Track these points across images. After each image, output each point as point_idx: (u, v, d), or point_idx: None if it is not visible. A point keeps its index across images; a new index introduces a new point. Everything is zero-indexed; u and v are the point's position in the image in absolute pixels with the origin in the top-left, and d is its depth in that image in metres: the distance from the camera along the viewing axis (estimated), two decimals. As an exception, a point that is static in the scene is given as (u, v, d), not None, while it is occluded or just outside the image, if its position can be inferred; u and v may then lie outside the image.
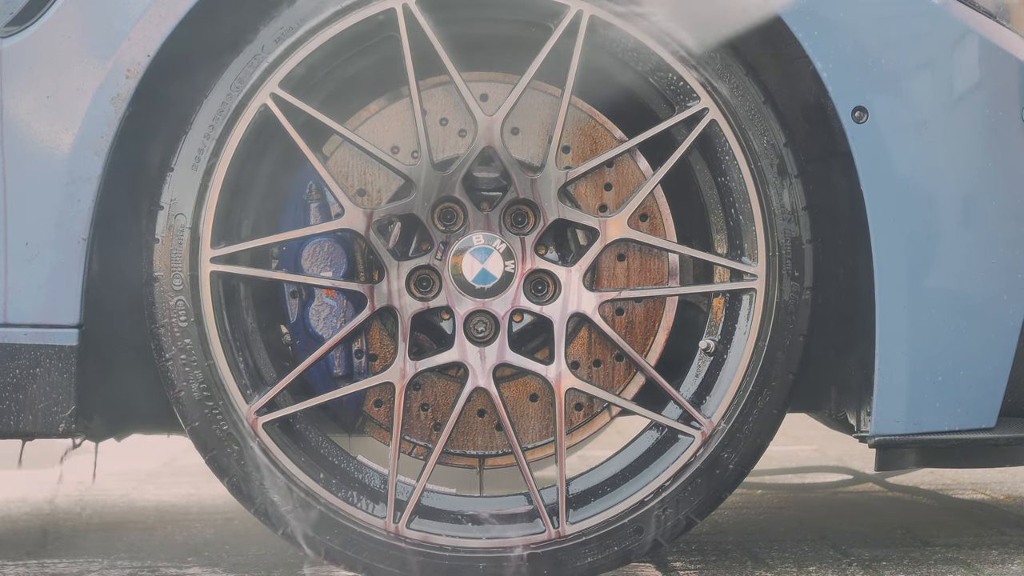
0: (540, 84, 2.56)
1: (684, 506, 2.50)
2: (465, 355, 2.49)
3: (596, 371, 2.62)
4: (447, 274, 2.49)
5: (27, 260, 2.40)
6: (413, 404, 2.60)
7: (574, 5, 2.45)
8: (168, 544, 3.10)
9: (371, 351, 2.60)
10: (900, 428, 2.46)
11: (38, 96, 2.40)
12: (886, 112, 2.43)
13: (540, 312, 2.51)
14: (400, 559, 2.46)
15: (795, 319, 2.49)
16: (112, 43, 2.40)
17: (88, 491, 3.99)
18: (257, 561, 2.85)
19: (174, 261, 2.44)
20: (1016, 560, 2.74)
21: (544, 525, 2.48)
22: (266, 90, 2.44)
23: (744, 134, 2.47)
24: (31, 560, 2.91)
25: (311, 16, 2.44)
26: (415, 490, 2.48)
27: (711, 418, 2.50)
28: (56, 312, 2.41)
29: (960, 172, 2.47)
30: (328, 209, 2.57)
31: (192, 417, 2.45)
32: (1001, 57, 2.49)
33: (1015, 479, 3.90)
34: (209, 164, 2.44)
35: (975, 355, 2.47)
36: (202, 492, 3.95)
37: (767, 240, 2.49)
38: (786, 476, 3.92)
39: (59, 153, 2.39)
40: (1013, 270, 2.48)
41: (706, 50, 2.45)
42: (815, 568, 2.69)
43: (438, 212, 2.50)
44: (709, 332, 2.56)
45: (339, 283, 2.52)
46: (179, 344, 2.44)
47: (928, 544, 2.92)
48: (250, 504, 2.47)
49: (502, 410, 2.48)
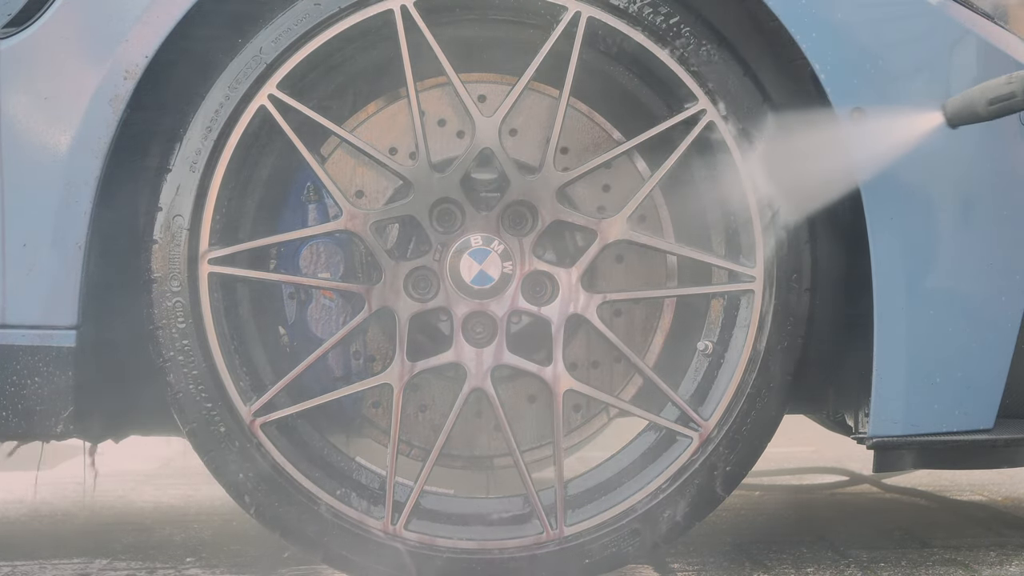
0: (538, 85, 2.56)
1: (682, 507, 2.50)
2: (463, 356, 2.49)
3: (594, 372, 2.62)
4: (445, 275, 2.49)
5: (25, 262, 2.40)
6: (411, 405, 2.60)
7: (572, 6, 2.45)
8: (167, 545, 3.10)
9: (369, 352, 2.60)
10: (898, 429, 2.46)
11: (36, 97, 2.40)
12: (884, 113, 2.42)
13: (538, 313, 2.50)
14: (398, 560, 2.46)
15: (793, 320, 2.49)
16: (110, 44, 2.40)
17: (86, 492, 3.99)
18: (255, 562, 2.85)
19: (172, 262, 2.44)
20: (1014, 561, 2.75)
21: (542, 526, 2.48)
22: (264, 91, 2.44)
23: (742, 135, 2.47)
24: (30, 561, 2.91)
25: (309, 17, 2.44)
26: (413, 491, 2.48)
27: (709, 419, 2.50)
28: (54, 314, 2.41)
29: (958, 173, 2.47)
30: (326, 210, 2.57)
31: (190, 418, 2.45)
32: (999, 59, 2.49)
33: (1013, 480, 3.90)
34: (207, 165, 2.44)
35: (973, 356, 2.47)
36: (200, 493, 3.95)
37: (765, 241, 2.48)
38: (784, 477, 3.92)
39: (57, 154, 2.39)
40: (1011, 271, 2.49)
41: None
42: (813, 569, 2.69)
43: (436, 213, 2.50)
44: (707, 333, 2.56)
45: (337, 284, 2.52)
46: (177, 345, 2.44)
47: (926, 545, 2.92)
48: (248, 505, 2.47)
49: (500, 412, 2.48)
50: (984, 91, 2.33)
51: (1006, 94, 2.30)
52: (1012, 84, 2.30)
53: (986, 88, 2.33)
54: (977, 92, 2.34)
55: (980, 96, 2.32)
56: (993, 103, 2.31)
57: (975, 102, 2.33)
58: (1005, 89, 2.30)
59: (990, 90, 2.32)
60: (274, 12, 2.44)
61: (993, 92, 2.31)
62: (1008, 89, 2.30)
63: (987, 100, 2.31)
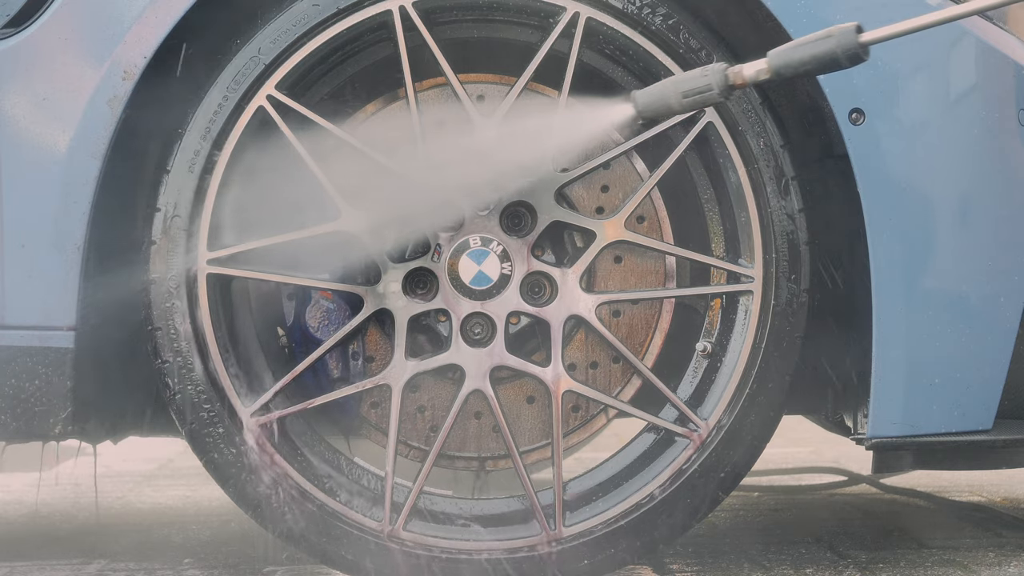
0: (537, 86, 2.56)
1: (681, 508, 2.50)
2: (462, 357, 2.49)
3: (593, 373, 2.62)
4: (444, 276, 2.49)
5: (23, 263, 2.40)
6: (410, 406, 2.60)
7: (571, 7, 2.45)
8: (165, 546, 3.09)
9: (368, 353, 2.60)
10: (897, 430, 2.46)
11: (35, 98, 2.40)
12: (883, 114, 2.43)
13: (537, 314, 2.50)
14: (397, 561, 2.46)
15: (792, 321, 2.49)
16: (108, 45, 2.39)
17: (85, 493, 3.99)
18: (254, 563, 2.85)
19: (171, 263, 2.43)
20: (1013, 562, 2.75)
21: (541, 527, 2.48)
22: (263, 92, 2.44)
23: (741, 136, 2.47)
24: (28, 562, 2.91)
25: (308, 18, 2.44)
26: (411, 492, 2.47)
27: (708, 420, 2.50)
28: (52, 315, 2.40)
29: (957, 174, 2.47)
30: (325, 211, 2.56)
31: (189, 419, 2.45)
32: (998, 59, 2.49)
33: (1012, 481, 3.90)
34: (206, 166, 2.44)
35: (972, 357, 2.47)
36: (199, 494, 3.95)
37: (764, 242, 2.49)
38: (783, 478, 3.92)
39: (56, 155, 2.39)
40: (1010, 272, 2.49)
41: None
42: (812, 570, 2.69)
43: (435, 214, 2.50)
44: (706, 334, 2.56)
45: (336, 285, 2.52)
46: (176, 346, 2.44)
47: (925, 546, 2.92)
48: (247, 506, 2.47)
49: (499, 412, 2.48)
50: (678, 83, 2.23)
51: (702, 87, 2.22)
52: (707, 76, 2.22)
53: (680, 80, 2.24)
54: (670, 84, 2.24)
55: (674, 88, 2.24)
56: (688, 95, 2.22)
57: (668, 95, 2.24)
58: (701, 82, 2.22)
59: (684, 82, 2.23)
60: (272, 13, 2.44)
61: (688, 84, 2.22)
62: (704, 82, 2.22)
63: (681, 93, 2.22)
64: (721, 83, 2.22)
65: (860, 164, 2.42)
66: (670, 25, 2.46)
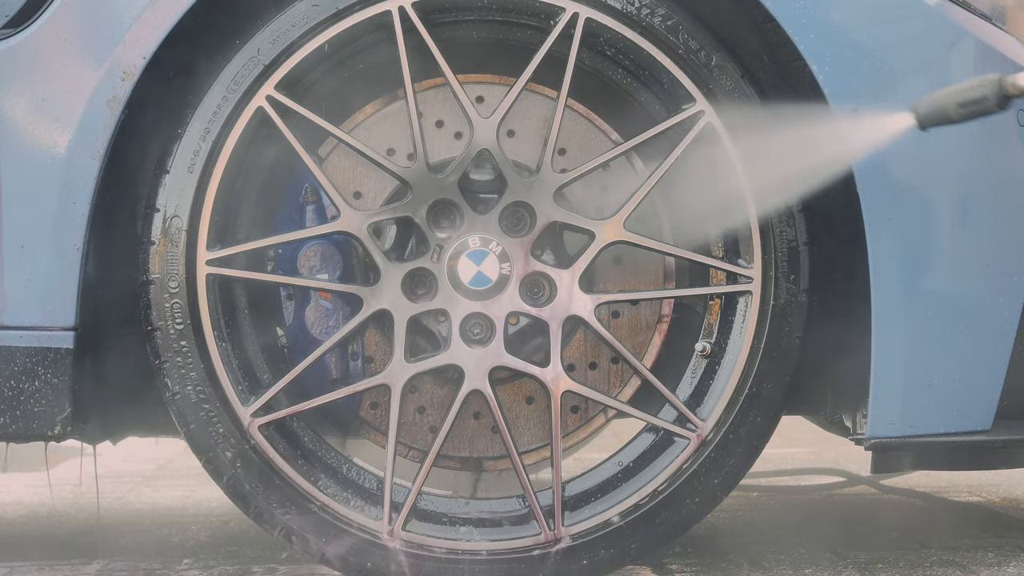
0: (536, 86, 2.56)
1: (680, 508, 2.50)
2: (461, 357, 2.49)
3: (592, 374, 2.62)
4: (443, 276, 2.49)
5: (23, 263, 2.40)
6: (409, 407, 2.60)
7: (570, 7, 2.45)
8: (164, 546, 3.09)
9: (367, 353, 2.60)
10: (896, 430, 2.46)
11: (34, 98, 2.40)
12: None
13: (536, 314, 2.50)
14: (396, 561, 2.46)
15: (791, 322, 2.49)
16: (108, 46, 2.40)
17: (84, 493, 3.99)
18: (253, 564, 2.85)
19: (170, 264, 2.44)
20: (1012, 563, 2.75)
21: (540, 527, 2.48)
22: (262, 92, 2.44)
23: (740, 137, 2.47)
24: (28, 562, 2.91)
25: (307, 19, 2.44)
26: (411, 493, 2.47)
27: (707, 420, 2.50)
28: (52, 315, 2.41)
29: (956, 175, 2.47)
30: (324, 211, 2.57)
31: (188, 420, 2.45)
32: (997, 60, 2.49)
33: (1011, 481, 3.90)
34: (205, 166, 2.44)
35: (971, 358, 2.47)
36: (198, 495, 3.95)
37: (763, 243, 2.49)
38: (782, 478, 3.92)
39: (55, 156, 2.39)
40: (1009, 273, 2.49)
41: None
42: (811, 570, 2.69)
43: (434, 215, 2.50)
44: (705, 335, 2.56)
45: (335, 285, 2.52)
46: (175, 347, 2.44)
47: (924, 546, 2.92)
48: (246, 506, 2.47)
49: (498, 413, 2.48)
50: (955, 94, 2.31)
51: (978, 97, 2.30)
52: (984, 88, 2.29)
53: (957, 91, 2.31)
54: (948, 95, 2.33)
55: (951, 99, 2.32)
56: (964, 106, 2.30)
57: (946, 105, 2.32)
58: (977, 93, 2.30)
59: (961, 93, 2.31)
60: (272, 13, 2.44)
61: (964, 95, 2.30)
62: (980, 92, 2.30)
63: (957, 103, 2.31)
64: (997, 93, 2.27)
65: (859, 164, 2.42)
66: (669, 26, 2.46)
